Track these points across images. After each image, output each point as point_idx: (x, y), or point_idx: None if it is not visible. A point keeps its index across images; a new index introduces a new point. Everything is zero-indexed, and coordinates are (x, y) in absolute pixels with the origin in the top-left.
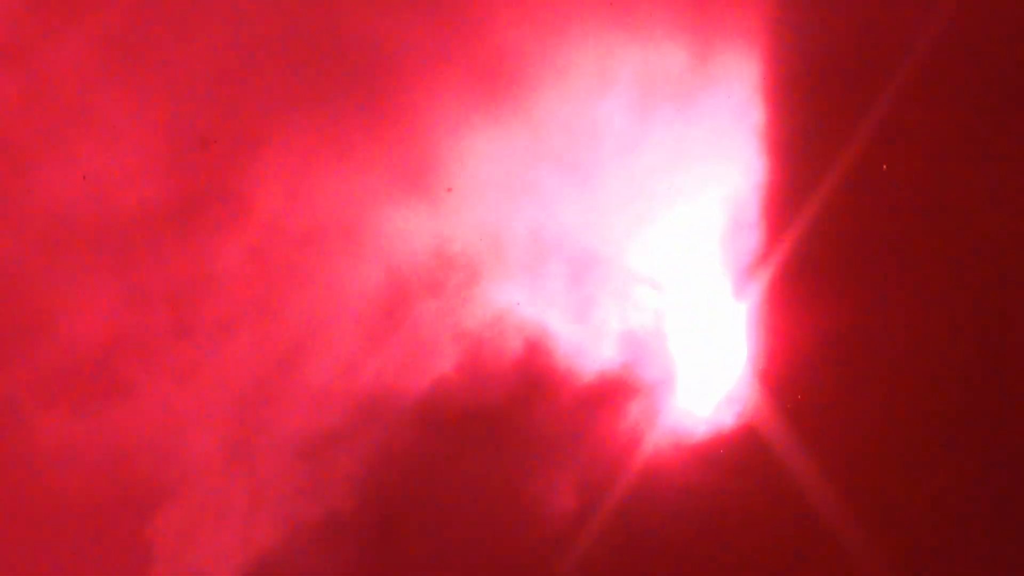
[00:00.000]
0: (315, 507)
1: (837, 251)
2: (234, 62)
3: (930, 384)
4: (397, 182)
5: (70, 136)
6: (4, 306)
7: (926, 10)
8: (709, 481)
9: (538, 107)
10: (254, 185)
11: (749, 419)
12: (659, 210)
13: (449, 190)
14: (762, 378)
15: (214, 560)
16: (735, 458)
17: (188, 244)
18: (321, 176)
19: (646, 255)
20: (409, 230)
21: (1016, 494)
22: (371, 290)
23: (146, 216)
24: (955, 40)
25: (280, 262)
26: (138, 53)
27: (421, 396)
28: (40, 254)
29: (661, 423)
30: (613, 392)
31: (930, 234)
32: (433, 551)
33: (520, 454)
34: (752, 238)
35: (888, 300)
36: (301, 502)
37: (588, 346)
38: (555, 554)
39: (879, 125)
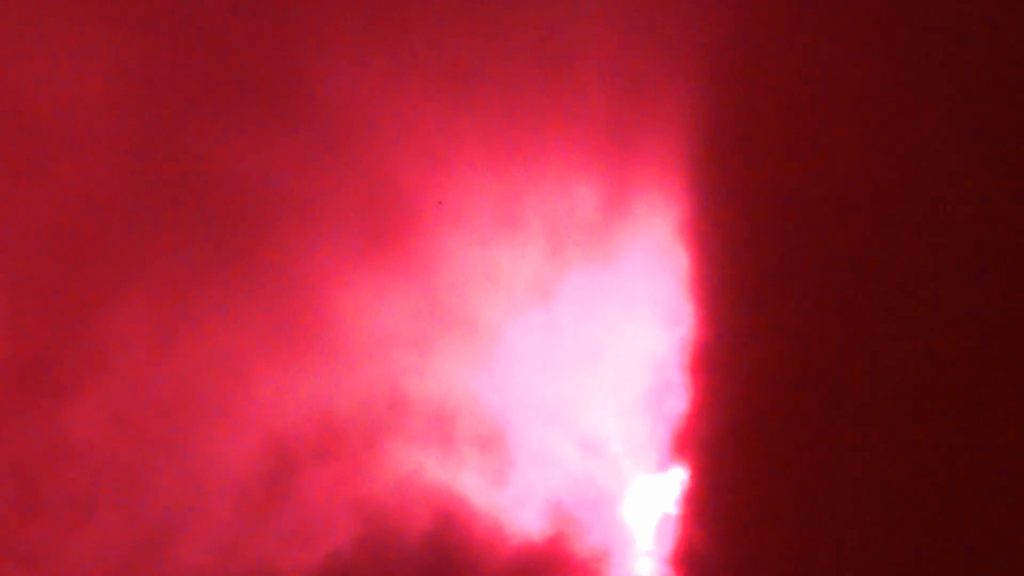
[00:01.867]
0: None
1: (769, 407)
2: (84, 204)
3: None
4: (277, 337)
5: None
6: None
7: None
8: None
9: (435, 255)
10: (112, 341)
11: None
12: (576, 366)
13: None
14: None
15: None
16: None
17: (36, 410)
18: (190, 330)
19: (567, 415)
20: (293, 390)
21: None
22: (251, 458)
23: None
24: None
25: (145, 428)
26: None
27: (310, 574)
28: None
29: None
30: (538, 568)
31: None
32: None
33: None
34: (678, 395)
35: (836, 454)
36: None
37: (508, 515)
38: None
39: (808, 266)
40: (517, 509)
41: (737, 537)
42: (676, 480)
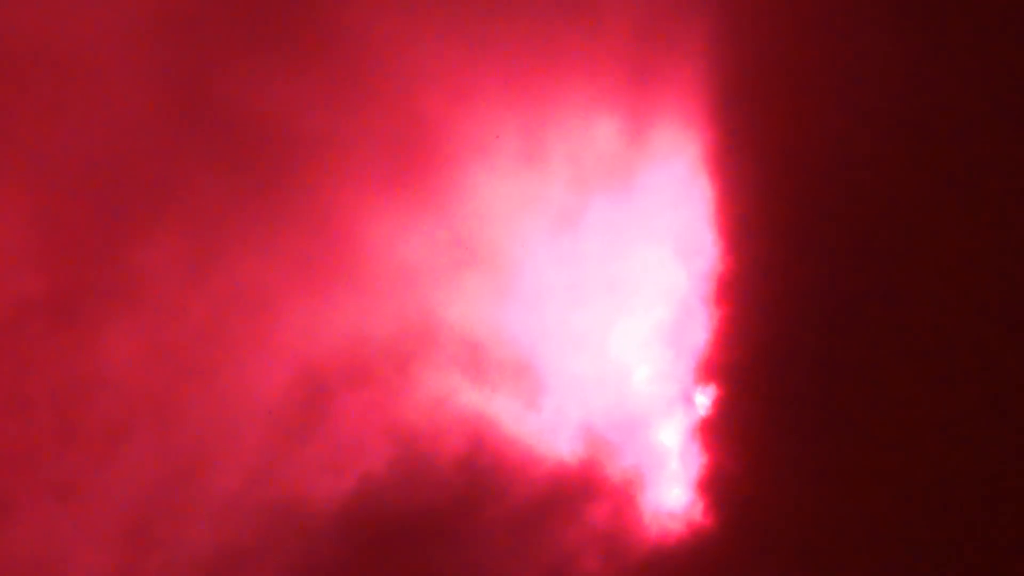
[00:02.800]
0: None
1: (791, 332)
2: (116, 139)
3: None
4: (308, 268)
5: None
6: None
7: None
8: None
9: (461, 187)
10: (145, 274)
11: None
12: (600, 295)
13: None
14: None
15: None
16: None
17: (72, 341)
18: (222, 262)
19: (595, 341)
20: (324, 320)
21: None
22: (283, 386)
23: (21, 313)
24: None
25: (177, 358)
26: (2, 136)
27: (345, 501)
28: None
29: (627, 526)
30: (572, 491)
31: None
32: None
33: (468, 567)
34: (701, 322)
35: (858, 377)
36: None
37: (541, 439)
38: None
39: (829, 194)
40: (549, 433)
41: (761, 460)
42: (702, 405)
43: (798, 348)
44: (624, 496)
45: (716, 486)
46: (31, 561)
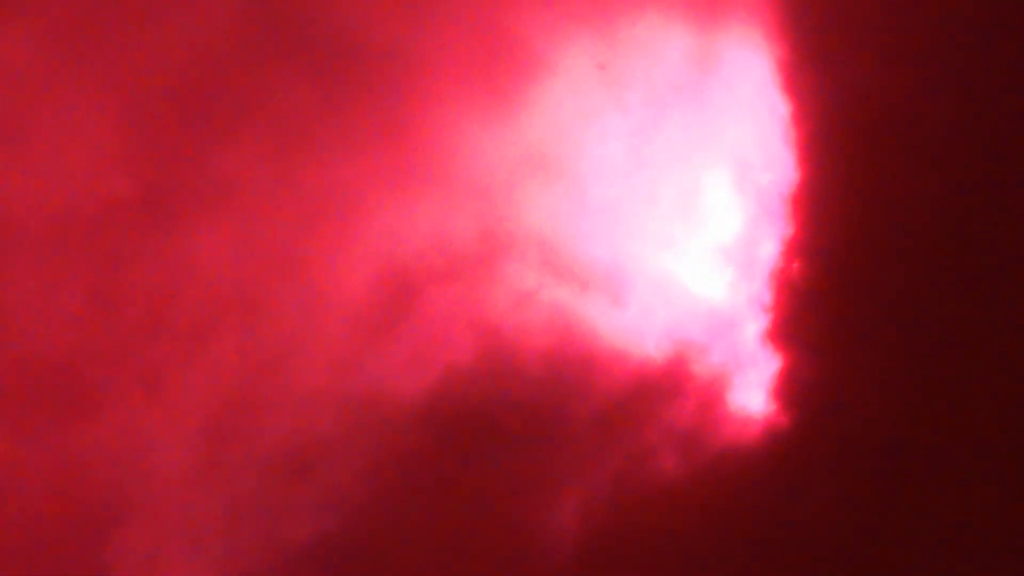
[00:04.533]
0: (301, 527)
1: (867, 247)
2: (207, 46)
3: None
4: (394, 170)
5: (16, 134)
6: None
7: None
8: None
9: (544, 99)
10: (235, 169)
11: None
12: (677, 205)
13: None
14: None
15: None
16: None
17: (160, 237)
18: (310, 159)
19: (675, 248)
20: (410, 219)
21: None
22: (370, 280)
23: (111, 209)
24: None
25: (265, 253)
26: (91, 39)
27: (428, 393)
28: None
29: (711, 427)
30: (657, 390)
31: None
32: None
33: (551, 460)
34: (775, 237)
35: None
36: (285, 521)
37: (626, 336)
38: None
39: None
40: (636, 330)
41: (836, 366)
42: (776, 311)
43: (869, 261)
44: (705, 396)
45: (791, 390)
46: (118, 452)
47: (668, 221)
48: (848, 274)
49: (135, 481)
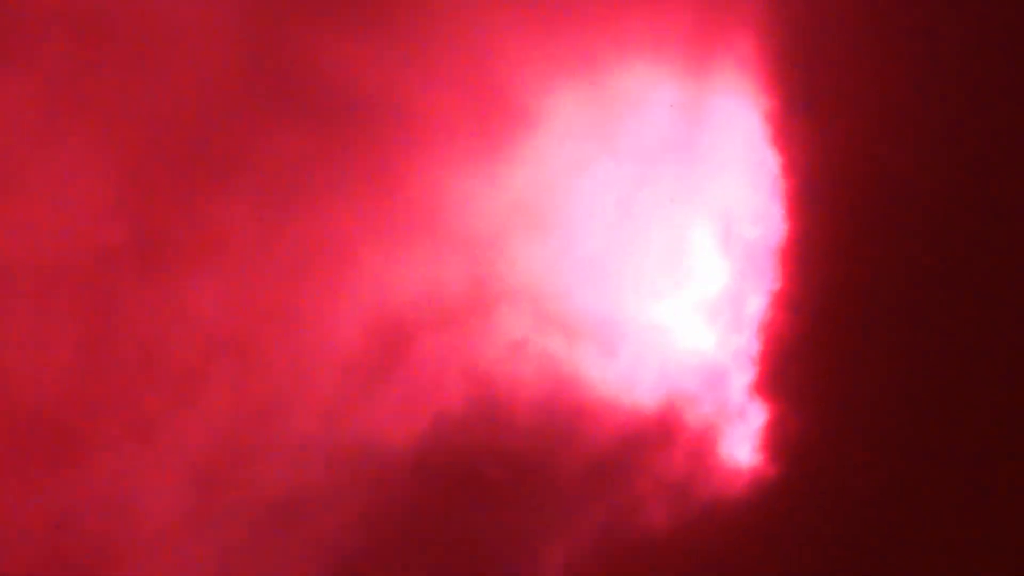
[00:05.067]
0: (292, 573)
1: (856, 300)
2: (201, 96)
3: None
4: (386, 221)
5: (11, 183)
6: None
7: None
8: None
9: (532, 149)
10: (227, 220)
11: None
12: (666, 258)
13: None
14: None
15: None
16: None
17: (153, 286)
18: (302, 210)
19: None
20: (402, 268)
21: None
22: (361, 328)
23: (104, 259)
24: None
25: (257, 302)
26: (86, 90)
27: (418, 441)
28: None
29: (702, 476)
30: (646, 440)
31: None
32: None
33: (540, 511)
34: (765, 290)
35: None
36: (276, 570)
37: (617, 386)
38: None
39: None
40: (626, 380)
41: (823, 418)
42: (764, 363)
43: (857, 313)
44: (695, 447)
45: (778, 442)
46: (108, 500)
47: (657, 273)
48: (835, 328)
49: (126, 530)
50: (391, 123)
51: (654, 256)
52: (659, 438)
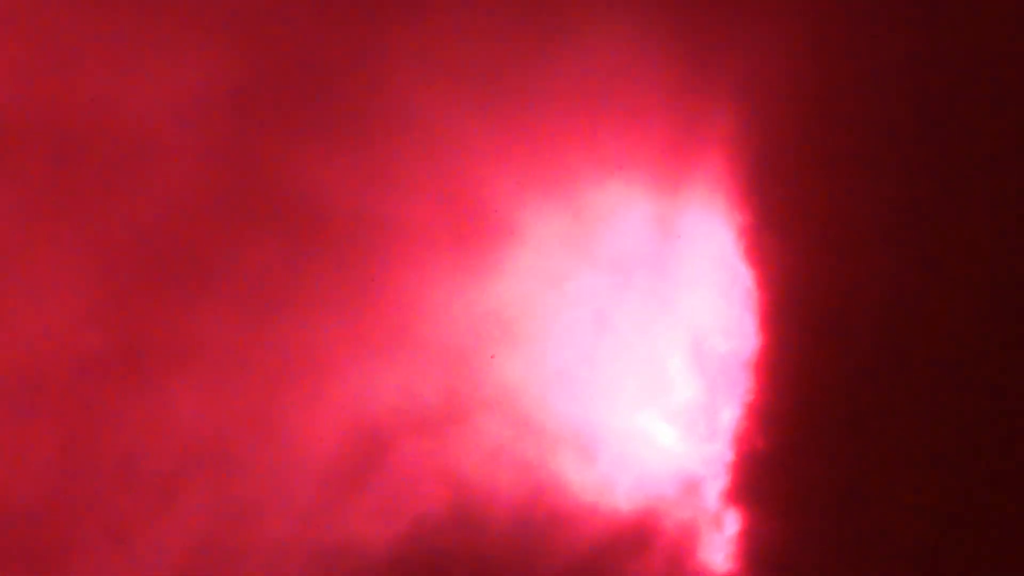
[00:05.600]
0: None
1: (830, 410)
2: (177, 208)
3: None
4: (362, 330)
5: None
6: None
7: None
8: None
9: (513, 258)
10: (207, 327)
11: None
12: (642, 368)
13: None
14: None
15: None
16: None
17: (131, 390)
18: (281, 318)
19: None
20: (378, 376)
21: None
22: (339, 433)
23: (84, 364)
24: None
25: (236, 408)
26: (65, 200)
27: (396, 544)
28: None
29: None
30: (624, 545)
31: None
32: None
33: None
34: (736, 396)
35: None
36: None
37: (596, 491)
38: None
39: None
40: (604, 485)
41: (797, 526)
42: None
43: (827, 423)
44: (672, 552)
45: (754, 549)
46: None
47: (633, 383)
48: (806, 438)
49: None
50: (369, 235)
51: (630, 366)
52: (636, 544)
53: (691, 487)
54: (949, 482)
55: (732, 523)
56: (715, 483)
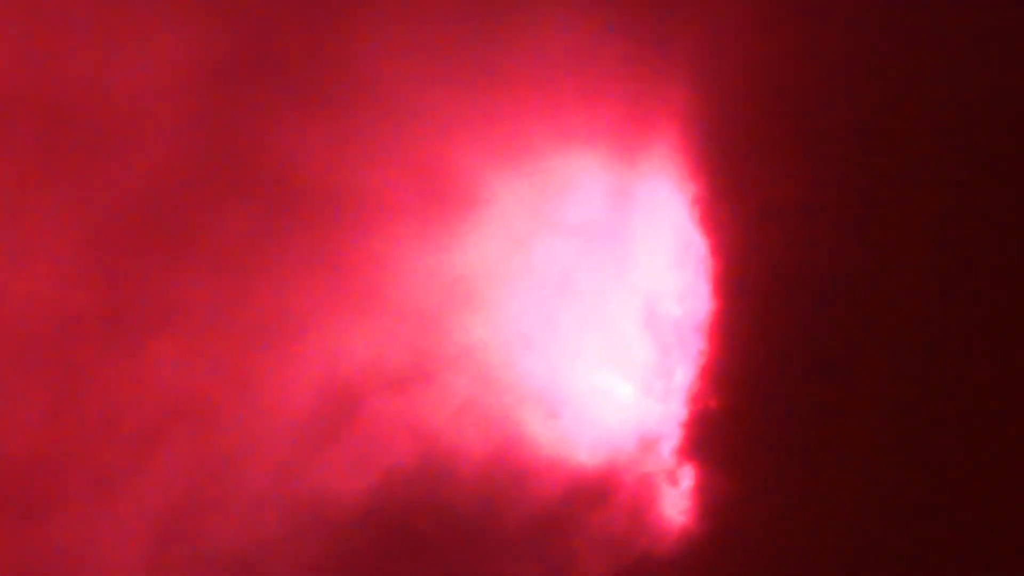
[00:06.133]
0: None
1: (778, 371)
2: (162, 176)
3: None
4: (335, 292)
5: None
6: None
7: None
8: None
9: (478, 225)
10: (185, 290)
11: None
12: (601, 332)
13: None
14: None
15: None
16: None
17: (115, 351)
18: (257, 282)
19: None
20: (351, 334)
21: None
22: (312, 391)
23: (70, 324)
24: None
25: (214, 366)
26: (52, 168)
27: (368, 497)
28: None
29: (635, 533)
30: (586, 498)
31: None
32: None
33: (482, 565)
34: (690, 357)
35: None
36: None
37: (560, 446)
38: None
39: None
40: (567, 441)
41: (752, 478)
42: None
43: (777, 384)
44: (629, 505)
45: (707, 503)
46: (71, 552)
47: (593, 344)
48: (756, 397)
49: None
50: (340, 203)
51: (589, 328)
52: (595, 497)
53: (648, 444)
54: (895, 437)
55: (686, 478)
56: (670, 440)
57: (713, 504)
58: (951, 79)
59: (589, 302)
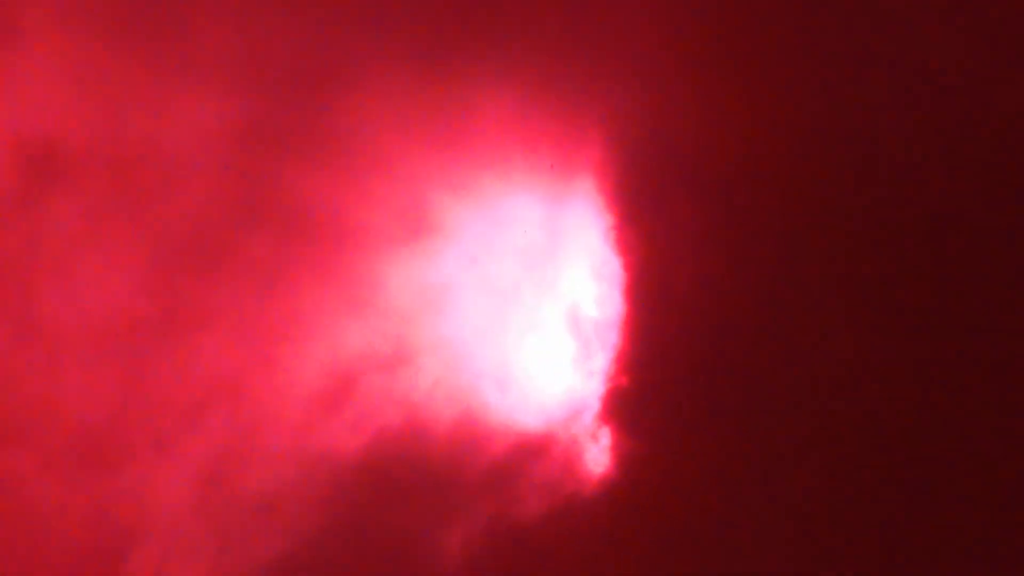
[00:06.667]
0: (272, 547)
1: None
2: (205, 211)
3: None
4: (336, 297)
5: (71, 271)
6: (17, 395)
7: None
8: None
9: (438, 247)
10: (223, 297)
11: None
12: (542, 328)
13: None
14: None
15: None
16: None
17: (169, 342)
18: (278, 291)
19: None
20: (351, 332)
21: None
22: (321, 373)
23: (135, 323)
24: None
25: (246, 355)
26: (120, 206)
27: (364, 452)
28: (47, 354)
29: (567, 479)
30: (531, 454)
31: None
32: None
33: (448, 503)
34: (607, 349)
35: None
36: (260, 543)
37: (511, 412)
38: None
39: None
40: (515, 409)
41: (660, 445)
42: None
43: (674, 367)
44: (562, 458)
45: (621, 456)
46: (133, 495)
47: (533, 337)
48: (660, 378)
49: (148, 515)
50: (339, 230)
51: (530, 325)
52: (537, 452)
53: (576, 412)
54: (768, 405)
55: (605, 438)
56: (592, 409)
57: (624, 457)
58: (868, 98)
59: (529, 306)
